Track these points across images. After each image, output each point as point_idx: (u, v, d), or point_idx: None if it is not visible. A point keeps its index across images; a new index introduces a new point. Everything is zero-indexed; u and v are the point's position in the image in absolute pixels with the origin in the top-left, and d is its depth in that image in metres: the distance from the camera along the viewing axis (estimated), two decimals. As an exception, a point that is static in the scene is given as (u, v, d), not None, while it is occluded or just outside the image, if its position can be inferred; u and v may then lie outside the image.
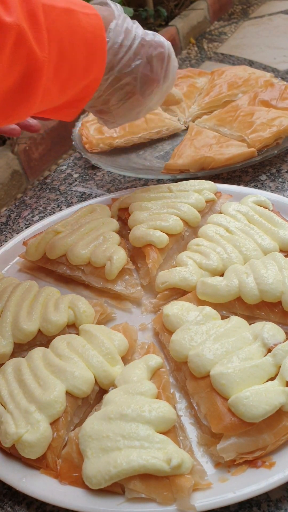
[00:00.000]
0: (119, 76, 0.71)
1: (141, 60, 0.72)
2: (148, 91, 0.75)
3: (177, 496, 0.51)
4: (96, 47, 0.66)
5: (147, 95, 0.76)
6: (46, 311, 0.70)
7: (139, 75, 0.72)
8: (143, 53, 0.72)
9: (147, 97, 0.76)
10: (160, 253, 0.77)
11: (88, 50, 0.64)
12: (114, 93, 0.73)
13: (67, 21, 0.61)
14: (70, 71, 0.63)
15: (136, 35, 0.71)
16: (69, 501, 0.53)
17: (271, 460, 0.54)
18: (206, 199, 0.85)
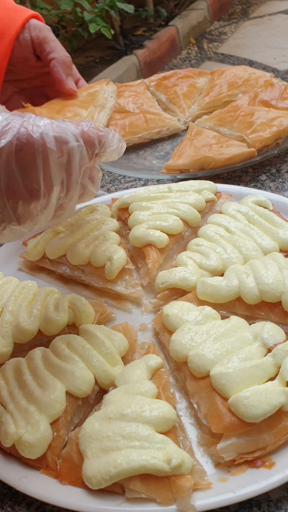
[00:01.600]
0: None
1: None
2: (26, 211, 0.53)
3: (177, 496, 0.51)
4: None
5: (26, 217, 0.54)
6: (46, 311, 0.70)
7: (5, 199, 0.51)
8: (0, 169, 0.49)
9: (26, 218, 0.54)
10: (160, 253, 0.77)
11: None
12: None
13: None
14: None
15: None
16: (69, 501, 0.53)
17: (271, 460, 0.54)
18: (206, 199, 0.85)
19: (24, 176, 0.50)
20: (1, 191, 0.50)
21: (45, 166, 0.50)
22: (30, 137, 0.49)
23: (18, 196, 0.51)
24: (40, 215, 0.54)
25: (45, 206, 0.53)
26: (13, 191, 0.50)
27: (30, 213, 0.53)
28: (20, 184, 0.50)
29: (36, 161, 0.50)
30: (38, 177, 0.51)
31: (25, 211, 0.52)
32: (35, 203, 0.52)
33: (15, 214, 0.52)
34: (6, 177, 0.49)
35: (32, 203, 0.52)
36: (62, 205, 0.56)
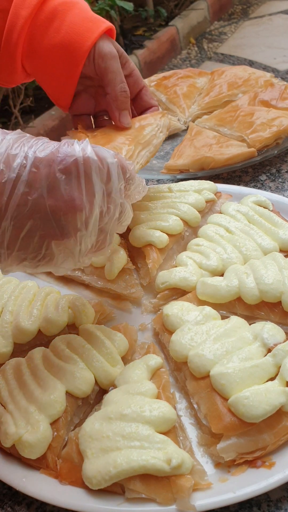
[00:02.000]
0: (17, 223, 0.51)
1: (41, 191, 0.50)
2: (69, 227, 0.53)
3: (177, 496, 0.51)
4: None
5: (70, 234, 0.53)
6: (46, 311, 0.70)
7: (49, 210, 0.51)
8: (41, 179, 0.50)
9: (71, 236, 0.54)
10: (160, 253, 0.77)
11: None
12: (24, 248, 0.52)
13: None
14: None
15: (26, 156, 0.50)
16: (69, 501, 0.53)
17: (271, 460, 0.54)
18: (206, 199, 0.85)
19: (66, 183, 0.51)
20: (42, 199, 0.51)
21: (86, 174, 0.52)
22: (71, 150, 0.52)
23: (60, 203, 0.51)
24: (83, 232, 0.54)
25: (88, 217, 0.53)
26: (55, 199, 0.51)
27: (73, 225, 0.53)
28: (62, 190, 0.51)
29: (78, 169, 0.52)
30: (80, 184, 0.52)
31: (68, 222, 0.52)
32: (79, 215, 0.52)
33: (58, 225, 0.52)
34: (49, 186, 0.51)
35: (75, 214, 0.52)
36: (104, 228, 0.56)
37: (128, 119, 0.80)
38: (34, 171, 0.50)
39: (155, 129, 0.80)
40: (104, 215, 0.55)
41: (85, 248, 0.56)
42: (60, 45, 0.72)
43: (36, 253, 0.53)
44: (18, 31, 0.71)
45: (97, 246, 0.58)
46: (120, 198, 0.57)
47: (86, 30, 0.72)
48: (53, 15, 0.72)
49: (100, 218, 0.55)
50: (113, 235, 0.59)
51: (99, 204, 0.54)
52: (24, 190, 0.50)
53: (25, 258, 0.54)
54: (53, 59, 0.73)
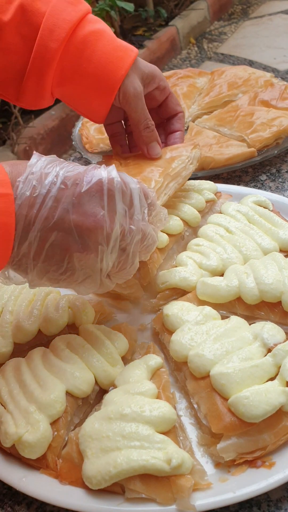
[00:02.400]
0: (43, 235, 0.54)
1: (66, 206, 0.54)
2: (90, 241, 0.56)
3: (177, 496, 0.51)
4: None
5: (91, 249, 0.56)
6: (46, 311, 0.70)
7: (72, 225, 0.54)
8: (68, 195, 0.54)
9: (92, 251, 0.56)
10: (160, 253, 0.77)
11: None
12: (48, 260, 0.56)
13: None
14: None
15: (57, 174, 0.55)
16: (69, 501, 0.53)
17: (271, 460, 0.54)
18: (206, 199, 0.85)
19: (90, 200, 0.55)
20: (67, 214, 0.54)
21: (109, 193, 0.56)
22: (98, 172, 0.57)
23: (83, 217, 0.55)
24: (104, 247, 0.56)
25: (109, 233, 0.56)
26: (79, 214, 0.55)
27: (94, 239, 0.55)
28: (86, 207, 0.55)
29: (103, 188, 0.56)
30: (102, 201, 0.56)
31: (89, 237, 0.55)
32: (100, 230, 0.55)
33: (80, 238, 0.55)
34: (74, 202, 0.55)
35: (96, 229, 0.55)
36: (126, 248, 0.59)
37: (156, 149, 0.81)
38: (62, 187, 0.54)
39: (186, 161, 0.81)
40: (126, 234, 0.58)
41: (106, 266, 0.58)
42: (92, 74, 0.74)
43: (58, 266, 0.56)
44: (48, 63, 0.72)
45: (118, 267, 0.60)
46: (143, 221, 0.59)
47: (117, 59, 0.74)
48: (84, 45, 0.73)
49: (121, 237, 0.58)
50: (136, 257, 0.61)
51: (120, 222, 0.57)
52: (52, 205, 0.54)
53: (49, 270, 0.56)
54: (86, 87, 0.75)
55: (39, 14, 0.71)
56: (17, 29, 0.71)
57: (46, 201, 0.54)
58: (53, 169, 0.55)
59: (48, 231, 0.54)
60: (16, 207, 0.53)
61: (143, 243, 0.61)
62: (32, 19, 0.71)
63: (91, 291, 0.61)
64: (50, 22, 0.70)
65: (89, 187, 0.55)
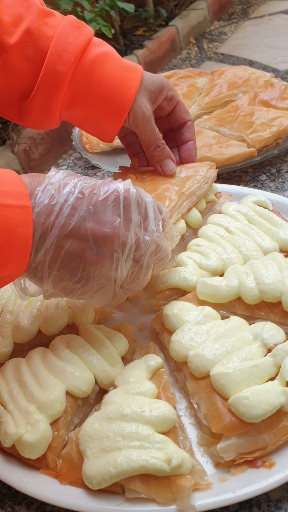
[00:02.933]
0: (59, 242, 0.55)
1: (83, 213, 0.55)
2: (105, 249, 0.57)
3: (177, 496, 0.51)
4: (9, 245, 0.52)
5: (106, 256, 0.57)
6: (46, 311, 0.70)
7: (88, 232, 0.56)
8: (84, 204, 0.56)
9: (107, 259, 0.57)
10: (160, 253, 0.77)
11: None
12: (63, 267, 0.57)
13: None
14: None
15: (75, 185, 0.56)
16: (69, 501, 0.53)
17: (271, 460, 0.54)
18: (206, 200, 0.85)
19: (106, 209, 0.57)
20: (83, 221, 0.56)
21: (125, 203, 0.58)
22: (115, 183, 0.58)
23: (99, 225, 0.56)
24: (119, 254, 0.57)
25: (124, 241, 0.57)
26: (95, 222, 0.56)
27: (109, 247, 0.57)
28: (102, 215, 0.56)
29: (119, 198, 0.57)
30: (118, 210, 0.57)
31: (104, 245, 0.56)
32: (116, 238, 0.57)
33: (96, 246, 0.56)
34: (90, 210, 0.56)
35: (112, 237, 0.56)
36: (140, 259, 0.60)
37: (170, 166, 0.82)
38: (79, 196, 0.56)
39: (201, 181, 0.81)
40: (141, 245, 0.59)
41: (121, 275, 0.59)
42: (103, 96, 0.74)
43: (73, 274, 0.57)
44: (57, 86, 0.72)
45: (132, 277, 0.61)
46: (157, 232, 0.61)
47: (126, 80, 0.75)
48: (92, 67, 0.73)
49: (136, 247, 0.59)
50: (149, 269, 0.62)
51: (135, 231, 0.58)
52: (69, 212, 0.55)
53: (63, 278, 0.57)
54: (96, 109, 0.76)
55: (46, 39, 0.72)
56: (23, 52, 0.72)
57: (64, 209, 0.55)
58: (71, 180, 0.57)
59: (64, 238, 0.55)
60: (34, 214, 0.54)
61: (156, 255, 0.62)
62: (38, 43, 0.72)
63: (104, 303, 0.62)
64: (59, 46, 0.71)
65: (106, 196, 0.57)
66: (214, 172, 0.85)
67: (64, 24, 0.72)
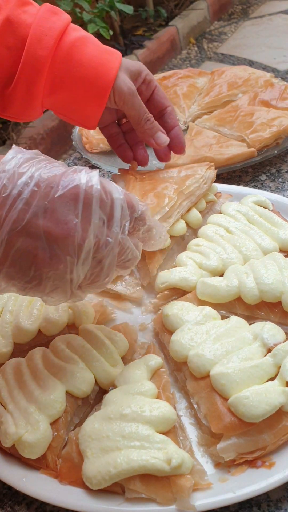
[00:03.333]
0: (10, 238, 0.51)
1: (37, 210, 0.50)
2: (59, 250, 0.52)
3: (177, 496, 0.51)
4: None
5: (60, 258, 0.52)
6: (46, 311, 0.70)
7: (41, 231, 0.51)
8: (40, 199, 0.51)
9: (61, 262, 0.52)
10: (160, 253, 0.77)
11: None
12: (13, 265, 0.52)
13: None
14: None
15: (32, 175, 0.51)
16: (69, 501, 0.53)
17: (271, 460, 0.54)
18: (206, 200, 0.85)
19: (63, 206, 0.51)
20: (37, 219, 0.51)
21: (86, 202, 0.52)
22: (77, 176, 0.53)
23: (53, 224, 0.51)
24: (74, 259, 0.53)
25: (80, 244, 0.52)
26: (50, 220, 0.51)
27: (63, 248, 0.52)
28: (58, 213, 0.51)
29: (79, 195, 0.52)
30: (77, 209, 0.52)
31: (58, 245, 0.52)
32: (71, 239, 0.52)
33: (49, 246, 0.51)
34: (46, 207, 0.51)
35: (67, 238, 0.52)
36: (102, 260, 0.55)
37: (163, 138, 0.81)
38: (35, 189, 0.51)
39: (200, 181, 0.82)
40: (101, 247, 0.54)
41: (77, 278, 0.54)
42: (84, 78, 0.74)
43: (24, 273, 0.52)
44: (38, 71, 0.72)
45: (91, 279, 0.56)
46: (122, 234, 0.56)
47: (106, 61, 0.75)
48: (72, 50, 0.73)
49: (96, 249, 0.54)
50: (111, 271, 0.57)
51: (94, 233, 0.53)
52: (22, 207, 0.50)
53: (14, 277, 0.53)
54: (79, 92, 0.75)
55: (26, 26, 0.72)
56: (3, 40, 0.72)
57: (17, 202, 0.50)
58: (29, 169, 0.51)
59: (15, 235, 0.50)
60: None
61: (120, 257, 0.57)
62: (18, 30, 0.72)
63: (60, 302, 0.58)
64: (38, 31, 0.71)
65: (64, 192, 0.51)
66: (213, 172, 0.85)
67: (43, 11, 0.72)
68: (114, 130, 0.85)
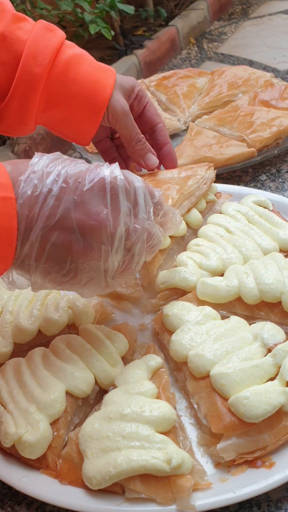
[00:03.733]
0: (45, 234, 0.53)
1: (68, 204, 0.53)
2: (93, 241, 0.54)
3: (177, 496, 0.51)
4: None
5: (94, 249, 0.54)
6: (46, 311, 0.70)
7: (74, 224, 0.53)
8: (69, 194, 0.53)
9: (95, 252, 0.54)
10: (160, 254, 0.77)
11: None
12: (50, 260, 0.54)
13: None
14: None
15: (59, 173, 0.53)
16: (69, 501, 0.53)
17: (271, 460, 0.54)
18: (206, 200, 0.85)
19: (93, 198, 0.54)
20: (69, 212, 0.53)
21: (113, 192, 0.55)
22: (101, 170, 0.55)
23: (86, 216, 0.53)
24: (108, 247, 0.55)
25: (113, 233, 0.55)
26: (82, 213, 0.53)
27: (97, 238, 0.54)
28: (89, 205, 0.54)
29: (105, 187, 0.55)
30: (105, 200, 0.54)
31: (92, 236, 0.54)
32: (104, 229, 0.54)
33: (83, 238, 0.54)
34: (76, 201, 0.53)
35: (100, 228, 0.54)
36: (131, 248, 0.58)
37: (153, 159, 0.82)
38: (64, 186, 0.53)
39: (200, 181, 0.82)
40: (131, 234, 0.57)
41: (112, 266, 0.57)
42: (79, 96, 0.74)
43: (60, 267, 0.55)
44: (33, 88, 0.72)
45: (123, 266, 0.59)
46: (148, 220, 0.58)
47: (101, 79, 0.75)
48: (67, 68, 0.73)
49: (126, 236, 0.56)
50: (142, 257, 0.60)
51: (124, 221, 0.56)
52: (53, 203, 0.53)
53: (51, 271, 0.55)
54: (73, 110, 0.75)
55: (20, 42, 0.71)
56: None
57: (48, 199, 0.52)
58: (55, 167, 0.54)
59: (50, 231, 0.53)
60: (18, 206, 0.52)
61: (148, 243, 0.60)
62: (13, 46, 0.71)
63: (96, 293, 0.60)
64: (33, 48, 0.71)
65: (92, 185, 0.54)
66: (212, 172, 0.85)
67: (38, 27, 0.72)
68: (108, 144, 0.86)
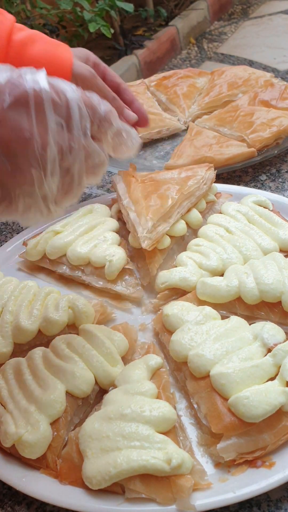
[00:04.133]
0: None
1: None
2: (20, 163, 0.48)
3: (177, 496, 0.51)
4: None
5: (23, 172, 0.49)
6: (46, 311, 0.70)
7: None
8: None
9: (24, 175, 0.49)
10: (160, 253, 0.77)
11: None
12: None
13: None
14: None
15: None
16: (69, 501, 0.53)
17: (271, 460, 0.54)
18: (206, 200, 0.85)
19: (14, 113, 0.47)
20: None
21: (37, 106, 0.48)
22: (22, 80, 0.48)
23: (8, 131, 0.47)
24: (42, 173, 0.49)
25: (42, 154, 0.48)
26: (3, 128, 0.47)
27: (24, 158, 0.48)
28: (11, 121, 0.47)
29: (28, 100, 0.48)
30: (29, 115, 0.48)
31: (18, 155, 0.48)
32: (30, 147, 0.48)
33: (8, 157, 0.48)
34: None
35: (25, 145, 0.47)
36: (70, 169, 0.51)
37: (131, 113, 0.82)
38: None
39: (200, 181, 0.82)
40: (66, 153, 0.50)
41: (50, 192, 0.51)
42: (43, 59, 0.74)
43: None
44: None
45: (63, 190, 0.52)
46: (84, 138, 0.51)
47: (60, 53, 0.75)
48: (23, 48, 0.73)
49: (61, 157, 0.50)
50: (82, 178, 0.53)
51: (55, 140, 0.49)
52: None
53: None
54: None
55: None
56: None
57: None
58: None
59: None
60: None
61: (87, 163, 0.53)
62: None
63: (39, 221, 0.55)
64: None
65: (12, 101, 0.47)
66: (212, 173, 0.85)
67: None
68: None
